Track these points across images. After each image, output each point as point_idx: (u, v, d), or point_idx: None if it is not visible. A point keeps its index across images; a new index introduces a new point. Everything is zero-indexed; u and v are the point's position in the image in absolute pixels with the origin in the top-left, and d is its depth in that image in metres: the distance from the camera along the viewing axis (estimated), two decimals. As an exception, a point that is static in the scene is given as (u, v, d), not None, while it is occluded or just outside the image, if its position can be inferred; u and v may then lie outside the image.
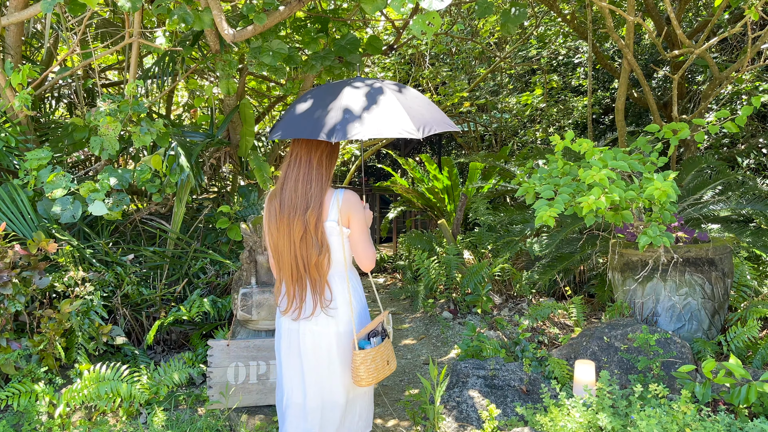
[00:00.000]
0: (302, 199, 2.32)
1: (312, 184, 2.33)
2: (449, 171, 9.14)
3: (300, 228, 2.33)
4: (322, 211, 2.32)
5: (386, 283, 7.88)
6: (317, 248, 2.34)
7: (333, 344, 2.39)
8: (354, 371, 2.35)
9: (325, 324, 2.39)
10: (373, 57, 10.98)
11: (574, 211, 3.65)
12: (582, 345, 3.88)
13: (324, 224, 2.34)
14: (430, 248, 7.13)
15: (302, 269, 2.38)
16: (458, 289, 5.85)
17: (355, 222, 2.37)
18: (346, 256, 2.42)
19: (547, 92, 10.36)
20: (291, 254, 2.38)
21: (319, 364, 2.40)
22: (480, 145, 13.12)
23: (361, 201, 2.40)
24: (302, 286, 2.40)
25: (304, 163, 2.35)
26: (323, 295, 2.38)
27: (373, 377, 2.35)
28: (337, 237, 2.35)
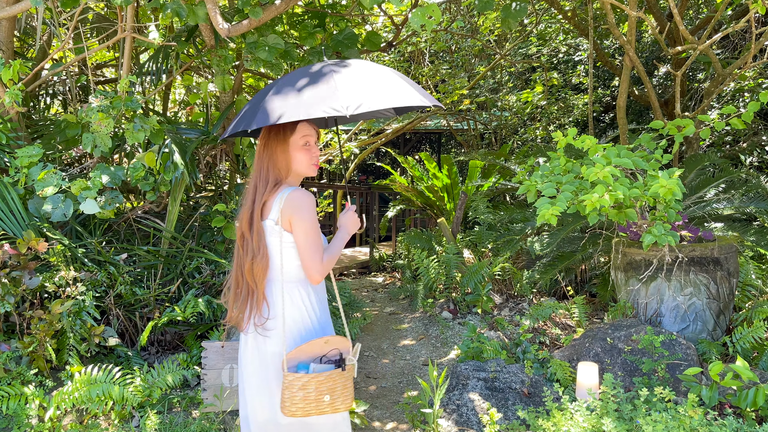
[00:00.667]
0: (251, 195, 2.18)
1: (260, 179, 2.18)
2: (449, 169, 9.06)
3: (240, 226, 2.18)
4: (264, 209, 2.14)
5: (385, 282, 7.80)
6: (250, 251, 2.14)
7: (263, 364, 2.14)
8: (281, 395, 2.06)
9: (259, 341, 2.15)
10: (371, 54, 10.89)
11: (577, 209, 3.56)
12: (584, 346, 3.79)
13: (262, 223, 2.14)
14: (430, 247, 7.04)
15: (239, 275, 2.19)
16: (458, 288, 5.77)
17: (298, 226, 2.10)
18: (284, 263, 2.15)
19: (547, 90, 10.27)
20: (235, 256, 2.23)
21: (250, 382, 2.18)
22: (480, 143, 13.03)
23: (310, 203, 2.11)
24: (241, 295, 2.19)
25: (257, 157, 2.24)
26: (259, 309, 2.15)
27: (299, 409, 2.01)
28: (275, 239, 2.13)
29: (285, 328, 2.12)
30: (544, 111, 10.82)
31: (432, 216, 10.01)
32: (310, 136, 2.22)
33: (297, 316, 2.15)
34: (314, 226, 2.12)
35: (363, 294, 7.01)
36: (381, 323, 5.74)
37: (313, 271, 2.10)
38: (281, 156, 2.18)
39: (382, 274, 8.68)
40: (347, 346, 2.16)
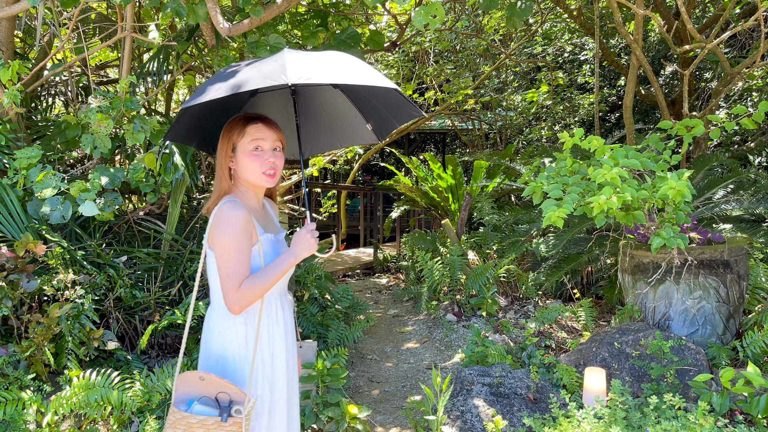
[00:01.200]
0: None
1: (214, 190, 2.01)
2: (453, 170, 8.99)
3: None
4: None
5: (389, 283, 7.73)
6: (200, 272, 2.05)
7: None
8: None
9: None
10: (376, 54, 10.82)
11: (584, 211, 3.49)
12: (591, 351, 3.72)
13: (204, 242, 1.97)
14: (434, 248, 6.97)
15: None
16: (462, 290, 5.69)
17: (216, 245, 1.87)
18: (212, 287, 1.98)
19: (552, 89, 10.18)
20: None
21: None
22: (484, 143, 12.95)
23: (233, 218, 1.85)
24: None
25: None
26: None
27: None
28: (209, 259, 1.95)
29: (210, 356, 1.95)
30: (550, 111, 10.73)
31: (436, 217, 9.94)
32: (262, 140, 1.96)
33: (219, 348, 1.94)
34: (234, 246, 1.84)
35: (366, 296, 6.95)
36: (384, 326, 5.67)
37: (226, 299, 1.85)
38: (225, 162, 1.98)
39: (386, 275, 8.62)
40: (241, 396, 1.83)
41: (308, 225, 1.93)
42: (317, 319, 4.71)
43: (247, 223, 1.87)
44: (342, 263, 8.90)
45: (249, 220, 1.89)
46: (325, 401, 3.53)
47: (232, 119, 2.02)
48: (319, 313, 4.79)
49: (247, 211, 1.88)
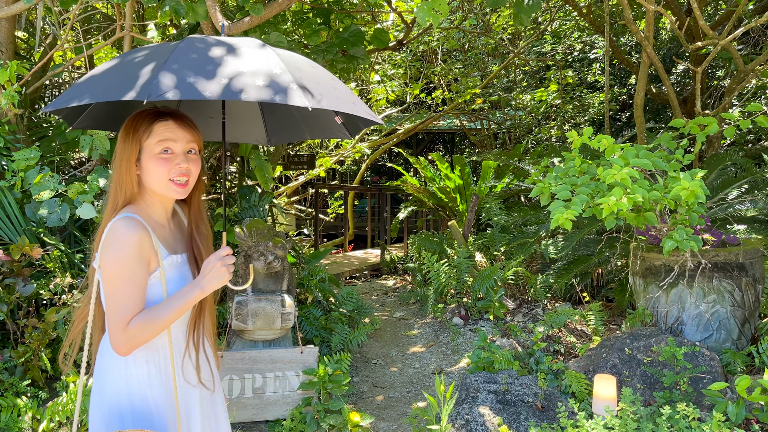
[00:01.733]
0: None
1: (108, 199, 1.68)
2: (461, 170, 8.87)
3: None
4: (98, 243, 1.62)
5: (396, 285, 7.63)
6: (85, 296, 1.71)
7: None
8: None
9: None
10: (383, 53, 10.73)
11: (593, 213, 3.37)
12: (601, 357, 3.60)
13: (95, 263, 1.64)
14: (441, 250, 6.86)
15: None
16: (469, 293, 5.58)
17: (103, 272, 1.55)
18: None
19: (562, 88, 10.04)
20: None
21: None
22: (493, 143, 12.82)
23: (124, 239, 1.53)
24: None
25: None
26: (93, 367, 1.70)
27: None
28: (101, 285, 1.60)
29: (103, 406, 1.62)
30: (559, 110, 10.59)
31: (444, 218, 9.83)
32: (173, 141, 1.63)
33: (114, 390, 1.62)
34: (123, 275, 1.52)
35: (373, 298, 6.85)
36: (390, 329, 5.57)
37: (111, 338, 1.52)
38: (126, 165, 1.62)
39: (393, 276, 8.52)
40: None
41: (221, 251, 1.64)
42: (320, 323, 4.62)
43: (142, 247, 1.56)
44: (348, 265, 8.81)
45: (147, 242, 1.57)
46: (326, 408, 3.43)
47: (136, 113, 1.67)
48: (323, 316, 4.69)
49: (144, 232, 1.57)
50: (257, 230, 3.44)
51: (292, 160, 9.59)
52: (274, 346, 3.59)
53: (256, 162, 4.84)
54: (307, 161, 9.66)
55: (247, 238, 3.44)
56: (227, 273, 1.61)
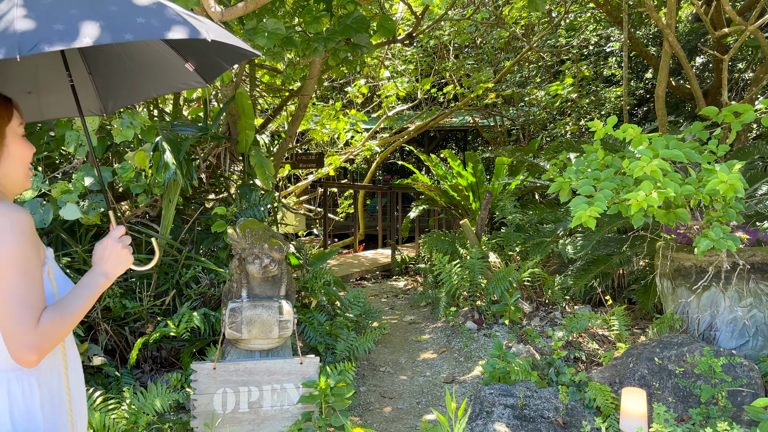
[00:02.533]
0: None
1: None
2: (474, 167, 8.56)
3: None
4: None
5: (407, 287, 7.33)
6: None
7: None
8: None
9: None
10: (393, 49, 10.43)
11: (618, 210, 3.06)
12: (628, 367, 3.28)
13: None
14: (453, 250, 6.55)
15: None
16: (483, 296, 5.27)
17: None
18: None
19: (578, 82, 9.68)
20: None
21: None
22: (506, 140, 12.48)
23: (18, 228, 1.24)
24: None
25: None
26: None
27: None
28: None
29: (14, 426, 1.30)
30: (575, 105, 10.23)
31: (456, 216, 9.51)
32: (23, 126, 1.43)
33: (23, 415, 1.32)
34: (19, 263, 1.23)
35: (382, 300, 6.56)
36: (400, 334, 5.27)
37: (16, 345, 1.21)
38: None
39: (404, 277, 8.22)
40: None
41: (114, 231, 1.43)
42: (325, 329, 4.34)
43: (33, 231, 1.29)
44: (358, 265, 8.52)
45: (34, 227, 1.30)
46: (328, 424, 3.15)
47: None
48: (327, 321, 4.41)
49: (29, 215, 1.30)
50: (252, 231, 3.15)
51: (300, 158, 9.32)
52: (271, 356, 3.31)
53: (256, 159, 4.56)
54: (316, 160, 9.38)
55: (241, 240, 3.15)
56: (129, 254, 1.41)
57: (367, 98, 12.57)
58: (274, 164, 5.80)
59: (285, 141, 5.72)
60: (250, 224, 3.20)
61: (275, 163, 5.74)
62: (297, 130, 6.08)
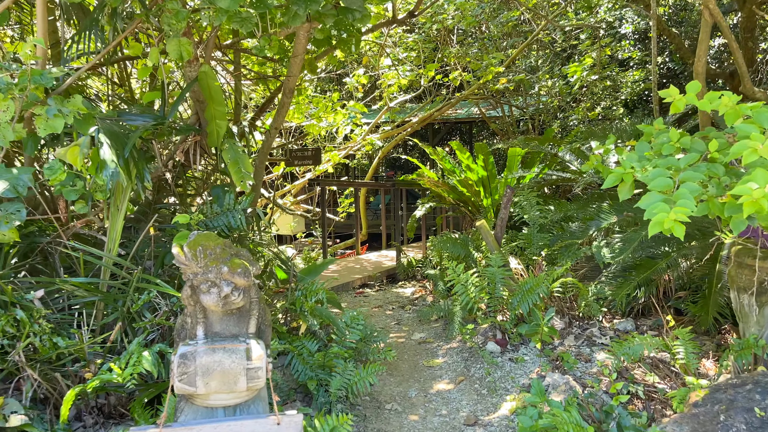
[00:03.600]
0: None
1: None
2: (484, 159, 7.67)
3: None
4: None
5: (414, 295, 6.46)
6: None
7: None
8: None
9: None
10: (393, 35, 9.54)
11: (710, 209, 2.18)
12: (717, 419, 2.40)
13: None
14: (466, 254, 5.68)
15: None
16: (506, 310, 4.40)
17: None
18: None
19: (599, 62, 8.74)
20: None
21: None
22: (516, 130, 11.58)
23: None
24: None
25: None
26: None
27: None
28: None
29: None
30: (588, 91, 9.32)
31: (467, 214, 8.63)
32: None
33: None
34: None
35: (387, 313, 5.69)
36: (408, 357, 4.41)
37: None
38: None
39: (410, 283, 7.35)
40: None
41: None
42: (317, 361, 3.48)
43: None
44: (360, 270, 7.65)
45: None
46: None
47: None
48: (320, 352, 3.55)
49: None
50: (205, 249, 2.30)
51: (296, 155, 8.44)
52: (240, 413, 2.45)
53: (230, 154, 3.70)
54: (313, 156, 8.50)
55: (191, 262, 2.29)
56: None
57: (367, 90, 11.69)
58: (258, 160, 4.93)
59: (270, 133, 4.86)
60: (204, 240, 2.34)
61: (259, 159, 4.88)
62: (283, 119, 5.22)
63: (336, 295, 4.64)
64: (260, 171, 5.36)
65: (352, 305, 5.99)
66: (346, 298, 6.27)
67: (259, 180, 5.54)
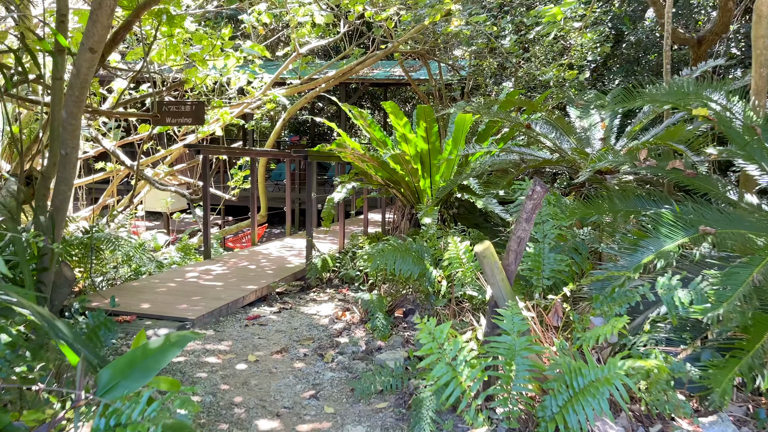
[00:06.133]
0: None
1: None
2: (427, 129, 5.54)
3: None
4: None
5: (335, 322, 4.23)
6: None
7: None
8: None
9: None
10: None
11: None
12: None
13: None
14: (421, 273, 3.55)
15: None
16: (532, 419, 2.29)
17: None
18: None
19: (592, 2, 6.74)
20: None
21: None
22: (447, 95, 9.51)
23: None
24: None
25: None
26: None
27: None
28: None
29: None
30: (576, 44, 7.33)
31: (398, 198, 6.48)
32: None
33: None
34: None
35: (295, 366, 3.43)
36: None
37: None
38: None
39: (326, 292, 5.14)
40: None
41: None
42: None
43: None
44: (256, 274, 5.32)
45: None
46: None
47: None
48: None
49: None
50: None
51: (169, 110, 5.87)
52: None
53: None
54: (193, 112, 5.97)
55: None
56: None
57: (269, 33, 9.11)
58: (67, 107, 2.50)
59: (82, 57, 2.41)
60: None
61: (69, 104, 2.45)
62: (106, 31, 2.80)
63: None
64: (72, 127, 2.91)
65: (241, 345, 3.69)
66: (231, 331, 3.95)
67: (74, 143, 3.09)
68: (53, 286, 3.59)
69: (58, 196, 3.09)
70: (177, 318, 3.87)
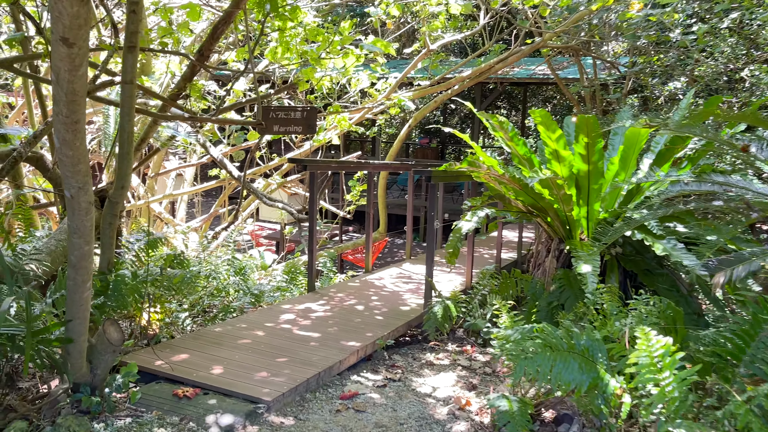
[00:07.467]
0: None
1: None
2: (588, 145, 4.13)
3: None
4: None
5: (458, 417, 3.03)
6: None
7: None
8: None
9: None
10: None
11: None
12: None
13: None
14: (592, 384, 2.25)
15: None
16: None
17: None
18: None
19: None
20: None
21: None
22: (601, 98, 7.88)
23: None
24: None
25: None
26: None
27: None
28: None
29: None
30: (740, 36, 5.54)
31: (543, 228, 5.10)
32: None
33: None
34: None
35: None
36: None
37: None
38: None
39: (447, 350, 3.95)
40: None
41: None
42: None
43: None
44: (361, 321, 4.23)
45: None
46: None
47: None
48: None
49: None
50: None
51: (275, 116, 4.96)
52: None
53: None
54: (303, 120, 5.03)
55: None
56: None
57: (396, 29, 8.03)
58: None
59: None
60: None
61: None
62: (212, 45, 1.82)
63: None
64: (70, 160, 1.96)
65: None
66: (317, 420, 2.88)
67: (78, 180, 2.15)
68: (94, 352, 2.74)
69: (74, 252, 2.18)
70: (248, 397, 2.88)
